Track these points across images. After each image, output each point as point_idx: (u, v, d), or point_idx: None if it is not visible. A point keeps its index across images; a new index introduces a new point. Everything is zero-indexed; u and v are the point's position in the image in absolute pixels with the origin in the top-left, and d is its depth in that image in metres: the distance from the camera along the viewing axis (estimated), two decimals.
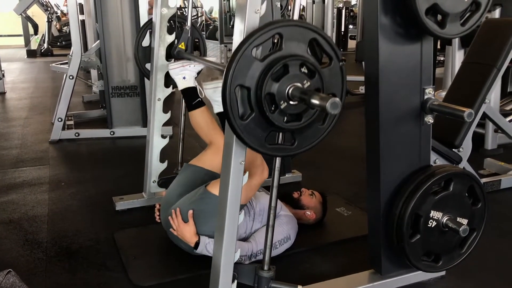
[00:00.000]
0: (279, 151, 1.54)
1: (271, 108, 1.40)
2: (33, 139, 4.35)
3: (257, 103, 1.40)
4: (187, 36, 2.59)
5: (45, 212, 2.77)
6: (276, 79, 1.38)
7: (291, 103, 1.40)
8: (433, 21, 1.65)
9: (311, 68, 1.42)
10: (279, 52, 1.40)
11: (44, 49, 11.10)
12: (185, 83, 2.45)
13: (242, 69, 1.37)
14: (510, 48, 2.65)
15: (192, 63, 2.44)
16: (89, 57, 4.56)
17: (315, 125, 1.51)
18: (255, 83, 1.39)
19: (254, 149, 1.47)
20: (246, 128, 1.42)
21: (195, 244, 2.07)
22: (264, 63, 1.39)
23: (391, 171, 1.86)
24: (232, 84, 1.37)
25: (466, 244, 1.95)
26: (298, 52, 1.42)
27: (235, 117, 1.40)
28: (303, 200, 2.47)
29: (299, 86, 1.39)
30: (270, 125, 1.44)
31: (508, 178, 3.05)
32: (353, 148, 3.97)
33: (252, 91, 1.40)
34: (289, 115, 1.43)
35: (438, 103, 1.81)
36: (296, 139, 1.52)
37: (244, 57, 1.37)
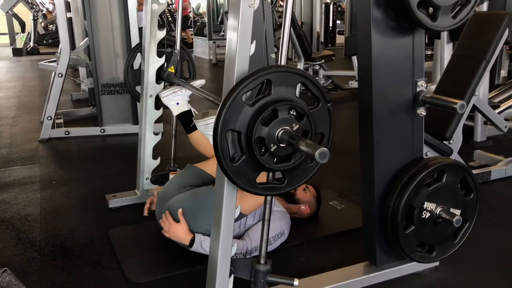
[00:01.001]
0: (269, 190, 1.57)
1: (261, 151, 1.44)
2: (22, 138, 4.31)
3: (248, 146, 1.43)
4: (177, 59, 2.62)
5: (37, 211, 2.76)
6: (265, 123, 1.42)
7: (280, 145, 1.43)
8: (425, 14, 1.67)
9: (299, 112, 1.45)
10: (269, 97, 1.43)
11: (30, 48, 10.98)
12: (179, 108, 2.48)
13: (233, 114, 1.40)
14: (498, 41, 2.68)
15: (182, 88, 2.46)
16: (77, 54, 4.52)
17: (303, 164, 1.54)
18: (246, 127, 1.42)
19: (245, 189, 1.50)
20: (237, 170, 1.45)
21: (190, 242, 2.07)
22: (254, 108, 1.42)
23: (384, 163, 1.88)
24: (223, 130, 1.40)
25: (459, 235, 1.97)
26: (287, 97, 1.45)
27: (226, 160, 1.43)
28: (297, 195, 2.48)
29: (288, 130, 1.42)
30: (260, 167, 1.47)
31: (498, 169, 3.10)
32: (344, 142, 3.98)
33: (242, 135, 1.43)
34: (279, 156, 1.46)
35: (430, 96, 1.83)
36: (286, 178, 1.54)
37: (234, 103, 1.39)
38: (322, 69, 6.16)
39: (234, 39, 1.50)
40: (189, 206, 2.15)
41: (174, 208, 2.17)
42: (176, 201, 2.19)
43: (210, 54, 9.39)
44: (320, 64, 6.06)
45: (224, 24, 10.67)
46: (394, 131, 1.87)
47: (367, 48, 1.76)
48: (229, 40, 1.53)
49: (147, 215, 2.43)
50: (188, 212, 2.14)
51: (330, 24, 10.37)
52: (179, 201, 2.18)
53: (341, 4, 11.78)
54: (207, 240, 2.06)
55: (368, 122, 1.84)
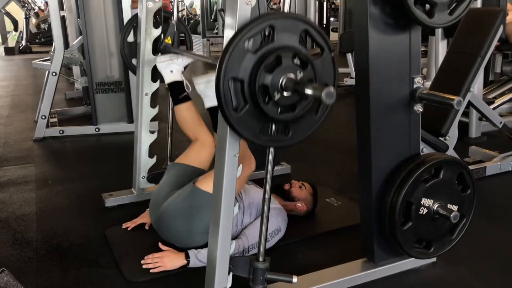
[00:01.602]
0: (273, 142, 1.54)
1: (265, 100, 1.40)
2: (16, 137, 4.28)
3: (251, 95, 1.40)
4: (173, 30, 2.58)
5: (33, 211, 2.74)
6: (269, 71, 1.38)
7: (284, 94, 1.40)
8: (422, 11, 1.67)
9: (303, 59, 1.42)
10: (272, 44, 1.40)
11: (23, 46, 10.89)
12: (172, 76, 2.44)
13: (235, 61, 1.36)
14: (493, 38, 2.70)
15: (179, 57, 2.43)
16: (71, 53, 4.49)
17: (308, 116, 1.52)
18: (249, 75, 1.39)
19: (249, 140, 1.47)
20: (240, 120, 1.42)
21: (186, 260, 2.05)
22: (257, 55, 1.39)
23: (382, 159, 1.88)
24: (226, 77, 1.36)
25: (456, 230, 1.98)
26: (290, 44, 1.42)
27: (229, 109, 1.40)
28: (293, 192, 2.48)
29: (292, 77, 1.39)
30: (264, 117, 1.44)
31: (493, 165, 3.11)
32: (340, 139, 4.00)
33: (245, 83, 1.39)
34: (283, 106, 1.43)
35: (427, 92, 1.83)
36: (290, 130, 1.52)
37: (236, 50, 1.36)
38: None
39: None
40: (178, 210, 2.13)
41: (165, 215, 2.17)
42: (166, 208, 2.18)
43: (204, 52, 9.36)
44: None
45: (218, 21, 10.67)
46: (391, 128, 1.87)
47: (364, 45, 1.76)
48: (227, 38, 1.53)
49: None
50: (179, 217, 2.12)
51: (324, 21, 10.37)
52: (168, 208, 2.17)
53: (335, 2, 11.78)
54: (201, 252, 2.05)
55: (366, 119, 1.84)
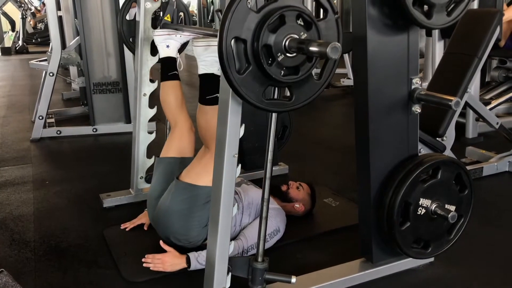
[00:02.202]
0: (277, 106, 1.51)
1: (268, 61, 1.39)
2: (13, 138, 4.27)
3: (254, 56, 1.38)
4: (173, 8, 2.55)
5: (31, 211, 2.74)
6: (272, 31, 1.36)
7: (288, 55, 1.39)
8: (420, 12, 1.68)
9: (307, 20, 1.40)
10: (275, 3, 1.38)
11: (19, 47, 10.87)
12: (168, 51, 2.40)
13: (237, 21, 1.34)
14: (490, 38, 2.70)
15: (179, 33, 2.39)
16: (69, 53, 4.49)
17: (311, 80, 1.51)
18: (252, 35, 1.36)
19: (252, 104, 1.44)
20: (243, 82, 1.40)
21: (186, 262, 2.04)
22: (260, 14, 1.36)
23: (380, 160, 1.89)
24: (228, 36, 1.34)
25: (454, 230, 1.99)
26: (294, 4, 1.40)
27: (232, 71, 1.37)
28: (291, 193, 2.49)
29: (296, 37, 1.38)
30: (268, 79, 1.42)
31: (490, 165, 3.12)
32: (337, 139, 4.01)
33: (248, 43, 1.37)
34: (286, 68, 1.41)
35: (425, 93, 1.84)
36: (294, 94, 1.50)
37: (239, 9, 1.34)
38: None
39: None
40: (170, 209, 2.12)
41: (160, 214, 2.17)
42: (160, 207, 2.18)
43: None
44: None
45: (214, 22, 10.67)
46: (389, 128, 1.88)
47: (362, 46, 1.76)
48: None
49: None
50: (174, 215, 2.11)
51: None
52: (162, 207, 2.17)
53: None
54: (202, 254, 2.04)
55: (364, 119, 1.85)
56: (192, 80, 6.55)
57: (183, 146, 2.37)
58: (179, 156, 2.35)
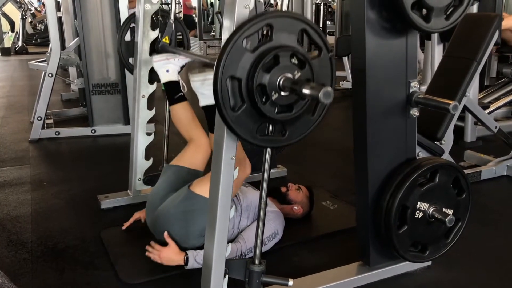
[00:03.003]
0: (270, 142, 1.54)
1: (262, 99, 1.40)
2: (12, 138, 4.27)
3: (249, 94, 1.40)
4: (171, 30, 2.57)
5: (29, 212, 2.73)
6: (267, 70, 1.38)
7: (282, 94, 1.40)
8: (419, 16, 1.68)
9: (301, 59, 1.42)
10: (270, 43, 1.40)
11: (19, 47, 10.86)
12: (168, 76, 2.43)
13: (233, 60, 1.36)
14: (489, 42, 2.71)
15: (176, 56, 2.42)
16: (68, 54, 4.49)
17: (305, 116, 1.52)
18: (246, 74, 1.39)
19: (246, 140, 1.47)
20: (238, 119, 1.42)
21: (184, 260, 2.04)
22: (255, 54, 1.39)
23: (378, 163, 1.89)
24: (224, 75, 1.36)
25: (451, 234, 1.99)
26: (288, 43, 1.42)
27: (227, 108, 1.40)
28: (290, 195, 2.49)
29: (290, 77, 1.39)
30: (262, 117, 1.44)
31: (488, 169, 3.13)
32: (335, 142, 4.01)
33: (243, 82, 1.39)
34: (280, 106, 1.43)
35: (424, 96, 1.84)
36: (287, 130, 1.52)
37: (235, 48, 1.36)
38: None
39: None
40: (173, 214, 2.12)
41: (161, 219, 2.16)
42: (161, 212, 2.18)
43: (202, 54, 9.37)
44: None
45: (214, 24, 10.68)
46: (387, 132, 1.88)
47: (361, 49, 1.77)
48: (225, 39, 1.53)
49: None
50: (175, 221, 2.11)
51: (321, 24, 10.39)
52: (163, 212, 2.16)
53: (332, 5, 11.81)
54: (200, 253, 2.03)
55: (362, 122, 1.85)
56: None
57: (196, 159, 2.39)
58: (189, 167, 2.35)
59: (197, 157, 2.40)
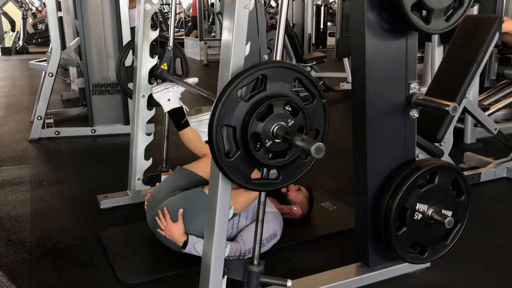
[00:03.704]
0: (265, 186, 1.57)
1: (256, 146, 1.44)
2: (11, 138, 4.27)
3: (243, 142, 1.44)
4: (170, 56, 2.62)
5: (28, 212, 2.73)
6: (261, 119, 1.42)
7: (276, 141, 1.44)
8: (418, 17, 1.68)
9: (295, 107, 1.45)
10: (264, 92, 1.43)
11: (20, 47, 10.86)
12: (171, 104, 2.47)
13: (228, 109, 1.40)
14: (489, 44, 2.71)
15: (175, 85, 2.45)
16: (68, 54, 4.48)
17: (298, 160, 1.55)
18: (241, 122, 1.42)
19: (240, 185, 1.50)
20: (232, 165, 1.45)
21: (183, 244, 2.06)
22: (250, 104, 1.42)
23: (377, 165, 1.89)
24: (219, 125, 1.40)
25: (450, 236, 1.99)
26: (282, 92, 1.45)
27: (221, 155, 1.43)
28: (290, 196, 2.49)
29: (283, 125, 1.43)
30: (255, 162, 1.47)
31: (488, 171, 3.13)
32: (335, 144, 3.97)
33: (238, 130, 1.43)
34: (274, 152, 1.46)
35: (423, 98, 1.84)
36: (281, 174, 1.55)
37: (230, 99, 1.39)
38: (313, 71, 6.18)
39: (229, 40, 1.50)
40: (190, 206, 2.12)
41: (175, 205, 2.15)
42: (167, 205, 2.18)
43: (201, 55, 9.36)
44: (311, 66, 6.08)
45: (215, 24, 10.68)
46: (387, 133, 1.88)
47: (361, 50, 1.77)
48: (224, 40, 1.53)
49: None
50: (187, 212, 2.11)
51: (321, 26, 10.39)
52: (169, 205, 2.17)
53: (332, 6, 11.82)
54: (200, 242, 2.05)
55: (361, 124, 1.85)
56: None
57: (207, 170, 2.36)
58: (201, 175, 2.35)
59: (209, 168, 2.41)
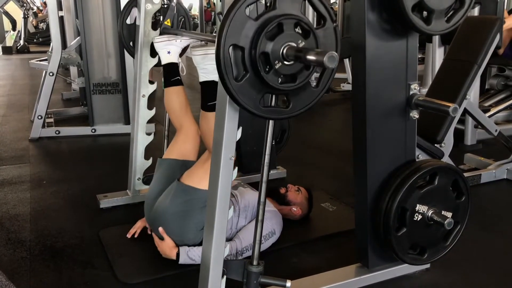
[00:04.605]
0: (274, 113, 1.52)
1: (265, 69, 1.39)
2: (12, 137, 4.27)
3: (252, 63, 1.39)
4: (173, 13, 2.57)
5: (27, 211, 2.73)
6: (270, 38, 1.37)
7: (285, 63, 1.39)
8: (419, 18, 1.68)
9: (305, 28, 1.40)
10: (273, 11, 1.38)
11: (20, 46, 10.87)
12: (169, 57, 2.41)
13: (235, 28, 1.35)
14: (490, 46, 2.71)
15: (178, 38, 2.39)
16: (69, 53, 4.49)
17: (309, 87, 1.51)
18: (249, 42, 1.37)
19: (249, 111, 1.45)
20: (241, 89, 1.40)
21: (176, 256, 2.05)
22: (258, 22, 1.37)
23: (377, 165, 1.88)
24: (226, 44, 1.34)
25: (450, 237, 1.98)
26: (292, 12, 1.40)
27: (229, 78, 1.38)
28: (289, 196, 2.48)
29: (293, 46, 1.38)
30: (265, 86, 1.43)
31: (488, 172, 3.12)
32: (336, 144, 4.00)
33: (246, 51, 1.37)
34: (284, 76, 1.42)
35: (424, 99, 1.84)
36: (291, 101, 1.50)
37: (237, 16, 1.34)
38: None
39: None
40: (168, 210, 2.12)
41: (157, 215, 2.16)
42: (157, 208, 2.18)
43: None
44: None
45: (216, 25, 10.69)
46: (387, 134, 1.87)
47: (361, 51, 1.76)
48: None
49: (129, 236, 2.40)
50: (171, 217, 2.11)
51: None
52: (159, 208, 2.16)
53: (333, 7, 11.82)
54: (193, 249, 2.05)
55: (361, 124, 1.85)
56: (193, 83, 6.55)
57: (186, 149, 2.38)
58: (181, 159, 2.35)
59: (187, 147, 2.38)
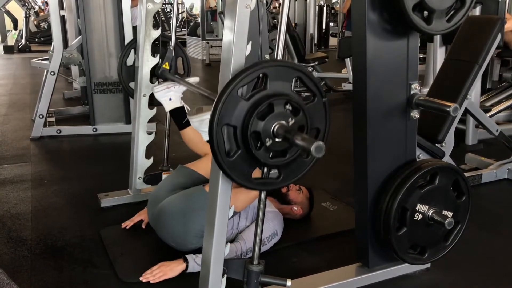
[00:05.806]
0: (265, 186, 1.57)
1: (256, 145, 1.44)
2: (13, 136, 4.27)
3: (243, 141, 1.43)
4: (171, 56, 2.62)
5: (29, 210, 2.74)
6: (261, 118, 1.42)
7: (276, 140, 1.43)
8: (420, 17, 1.68)
9: (295, 106, 1.45)
10: (265, 91, 1.43)
11: (22, 45, 10.87)
12: (172, 104, 2.46)
13: (228, 108, 1.40)
14: (491, 45, 2.71)
15: (176, 84, 2.45)
16: (70, 53, 4.49)
17: (299, 158, 1.55)
18: (241, 121, 1.42)
19: (241, 184, 1.50)
20: (232, 164, 1.45)
21: (185, 266, 2.03)
22: (250, 102, 1.42)
23: (378, 165, 1.89)
24: (219, 124, 1.39)
25: (450, 237, 1.99)
26: (282, 91, 1.45)
27: (222, 154, 1.43)
28: (290, 195, 2.49)
29: (284, 124, 1.42)
30: (256, 161, 1.47)
31: (489, 172, 3.12)
32: (337, 144, 3.98)
33: (238, 129, 1.43)
34: (274, 151, 1.46)
35: (424, 98, 1.84)
36: (282, 173, 1.55)
37: (230, 97, 1.39)
38: (315, 71, 6.17)
39: (230, 39, 1.50)
40: (180, 208, 2.14)
41: (165, 211, 2.17)
42: (167, 204, 2.19)
43: (203, 55, 9.36)
44: (313, 66, 6.07)
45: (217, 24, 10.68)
46: (387, 133, 1.88)
47: (362, 50, 1.76)
48: (225, 40, 1.53)
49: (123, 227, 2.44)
50: (179, 214, 2.12)
51: (324, 26, 10.39)
52: (170, 204, 2.18)
53: (335, 7, 11.81)
54: (199, 257, 2.03)
55: (362, 124, 1.85)
56: None
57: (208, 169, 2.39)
58: (202, 174, 2.36)
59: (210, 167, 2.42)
